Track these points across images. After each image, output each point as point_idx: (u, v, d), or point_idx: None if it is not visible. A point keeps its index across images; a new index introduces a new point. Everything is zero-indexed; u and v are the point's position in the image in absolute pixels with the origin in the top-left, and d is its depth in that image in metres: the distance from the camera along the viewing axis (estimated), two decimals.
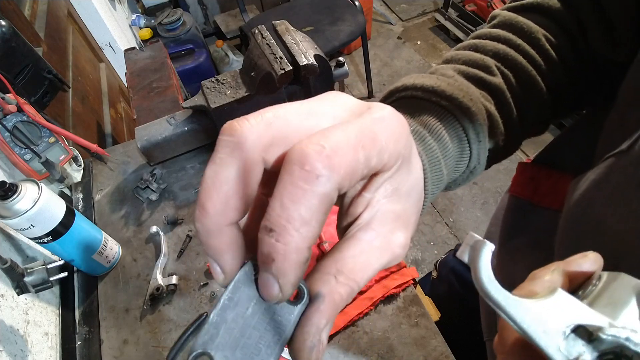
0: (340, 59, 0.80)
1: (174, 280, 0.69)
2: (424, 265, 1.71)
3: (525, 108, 0.37)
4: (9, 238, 0.67)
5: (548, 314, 0.17)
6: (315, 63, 0.72)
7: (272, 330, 0.19)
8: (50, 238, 0.62)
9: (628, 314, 0.16)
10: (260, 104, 0.77)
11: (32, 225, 0.59)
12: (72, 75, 1.20)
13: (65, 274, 0.65)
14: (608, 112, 0.33)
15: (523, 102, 0.37)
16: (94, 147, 0.82)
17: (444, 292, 0.72)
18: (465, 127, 0.32)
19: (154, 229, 0.75)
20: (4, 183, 0.56)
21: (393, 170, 0.21)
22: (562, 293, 0.18)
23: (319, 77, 0.75)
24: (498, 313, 0.17)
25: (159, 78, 0.96)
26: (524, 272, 0.20)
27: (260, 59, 0.74)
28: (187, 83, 1.96)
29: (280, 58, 0.72)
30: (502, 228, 0.52)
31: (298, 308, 0.19)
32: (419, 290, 0.67)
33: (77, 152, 0.84)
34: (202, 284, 0.70)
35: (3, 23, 0.75)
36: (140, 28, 2.11)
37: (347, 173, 0.18)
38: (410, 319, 0.63)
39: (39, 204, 0.58)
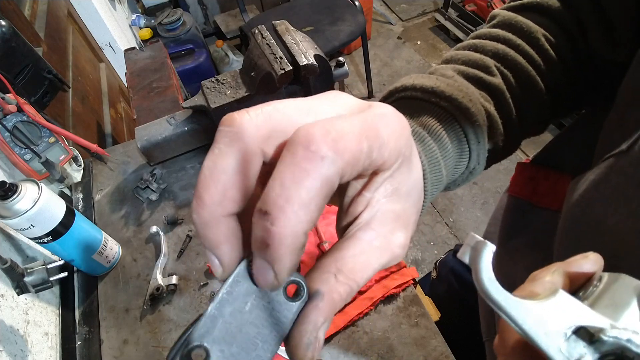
0: (340, 59, 0.80)
1: (174, 280, 0.69)
2: (424, 265, 1.71)
3: (525, 108, 0.37)
4: (9, 238, 0.67)
5: (549, 315, 0.17)
6: (315, 63, 0.72)
7: (269, 327, 0.19)
8: (50, 238, 0.62)
9: (629, 315, 0.16)
10: (260, 104, 0.77)
11: (32, 225, 0.59)
12: (72, 75, 1.20)
13: (65, 274, 0.65)
14: (608, 112, 0.33)
15: (522, 102, 0.37)
16: (94, 147, 0.82)
17: (444, 292, 0.72)
18: (465, 128, 0.32)
19: (154, 229, 0.75)
20: (4, 183, 0.56)
21: (393, 169, 0.21)
22: (563, 294, 0.18)
23: (319, 77, 0.75)
24: (499, 314, 0.17)
25: (159, 78, 0.96)
26: (523, 272, 0.20)
27: (260, 59, 0.74)
28: (187, 83, 1.96)
29: (280, 58, 0.72)
30: (501, 228, 0.52)
31: (297, 305, 0.19)
32: (419, 290, 0.67)
33: (77, 152, 0.84)
34: (202, 284, 0.70)
35: (3, 23, 0.75)
36: (140, 28, 2.11)
37: (350, 159, 0.17)
38: (410, 319, 0.63)
39: (39, 204, 0.58)
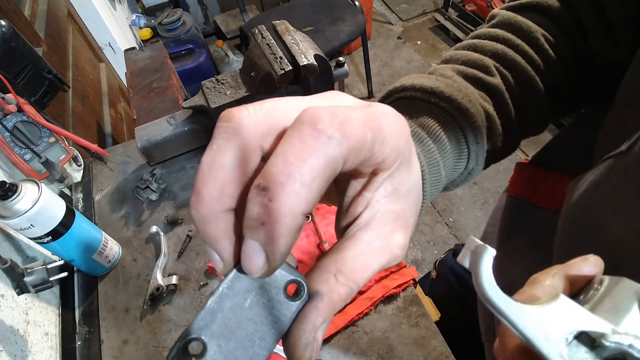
0: (340, 59, 0.80)
1: (174, 280, 0.69)
2: (424, 265, 1.71)
3: (524, 108, 0.37)
4: (9, 238, 0.67)
5: (550, 320, 0.17)
6: (315, 63, 0.72)
7: (268, 324, 0.19)
8: (50, 238, 0.62)
9: (630, 320, 0.16)
10: (260, 101, 0.77)
11: (32, 225, 0.59)
12: (72, 75, 1.20)
13: (65, 274, 0.65)
14: (607, 111, 0.33)
15: (522, 102, 0.37)
16: (94, 147, 0.82)
17: (444, 291, 0.72)
18: (464, 128, 0.32)
19: (154, 229, 0.75)
20: (4, 183, 0.56)
21: (393, 169, 0.21)
22: (564, 299, 0.17)
23: (319, 77, 0.75)
24: (499, 319, 0.17)
25: (159, 78, 0.96)
26: (523, 272, 0.20)
27: (260, 59, 0.74)
28: (187, 83, 1.96)
29: (280, 58, 0.72)
30: (500, 228, 0.52)
31: (296, 304, 0.19)
32: (419, 290, 0.67)
33: (77, 152, 0.84)
34: (202, 284, 0.70)
35: (3, 23, 0.75)
36: (140, 28, 2.11)
37: (356, 144, 0.17)
38: (410, 319, 0.63)
39: (39, 204, 0.58)
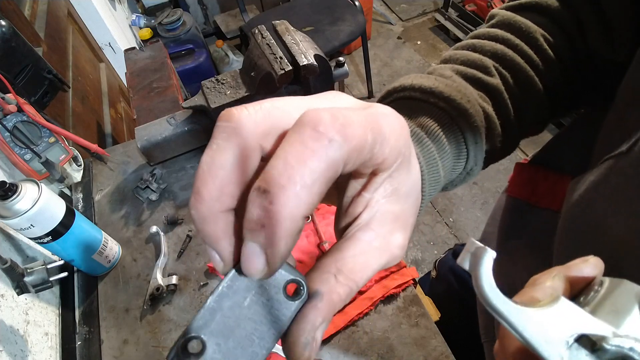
0: (340, 59, 0.80)
1: (174, 280, 0.69)
2: (424, 265, 1.71)
3: (523, 108, 0.37)
4: (9, 238, 0.67)
5: (551, 323, 0.17)
6: (315, 63, 0.72)
7: (267, 324, 0.19)
8: (50, 238, 0.62)
9: (631, 322, 0.16)
10: (259, 101, 0.77)
11: (32, 225, 0.59)
12: (72, 75, 1.20)
13: (65, 274, 0.65)
14: (607, 111, 0.33)
15: (521, 102, 0.37)
16: (94, 147, 0.82)
17: (443, 291, 0.72)
18: (463, 129, 0.32)
19: (154, 229, 0.75)
20: (4, 183, 0.56)
21: (392, 169, 0.21)
22: (564, 301, 0.17)
23: (319, 77, 0.75)
24: (499, 321, 0.17)
25: (159, 78, 0.96)
26: (523, 273, 0.20)
27: (260, 59, 0.74)
28: (187, 83, 1.96)
29: (280, 58, 0.72)
30: (499, 229, 0.52)
31: (296, 304, 0.19)
32: (419, 290, 0.67)
33: (77, 152, 0.84)
34: (202, 284, 0.70)
35: (3, 23, 0.75)
36: (140, 28, 2.11)
37: (357, 146, 0.17)
38: (410, 319, 0.63)
39: (39, 204, 0.58)
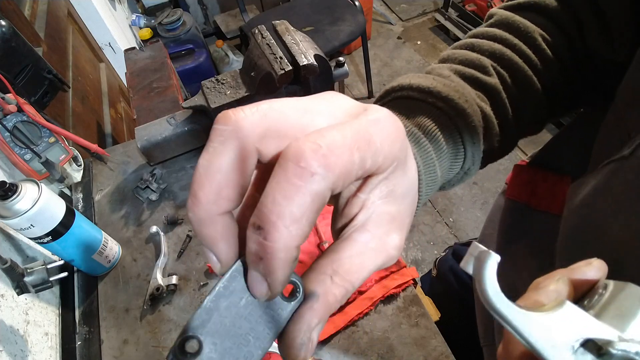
0: (340, 59, 0.80)
1: (174, 280, 0.69)
2: (424, 265, 1.71)
3: (522, 108, 0.37)
4: (9, 238, 0.67)
5: (556, 328, 0.17)
6: (315, 63, 0.72)
7: (263, 324, 0.19)
8: (50, 238, 0.62)
9: (636, 326, 0.16)
10: (256, 102, 0.77)
11: (32, 225, 0.59)
12: (72, 75, 1.20)
13: (65, 274, 0.65)
14: (607, 111, 0.33)
15: (519, 102, 0.37)
16: (94, 147, 0.82)
17: (443, 291, 0.72)
18: (460, 129, 0.32)
19: (154, 229, 0.75)
20: (4, 183, 0.56)
21: (388, 172, 0.21)
22: (570, 305, 0.17)
23: (319, 77, 0.75)
24: (504, 326, 0.17)
25: (159, 78, 0.96)
26: (525, 277, 0.20)
27: (260, 59, 0.74)
28: (187, 83, 1.97)
29: (280, 58, 0.72)
30: (499, 231, 0.51)
31: (292, 305, 0.19)
32: (419, 290, 0.67)
33: (77, 152, 0.84)
34: (202, 284, 0.70)
35: (3, 23, 0.75)
36: (140, 28, 2.11)
37: (342, 173, 0.18)
38: (410, 319, 0.63)
39: (39, 204, 0.58)
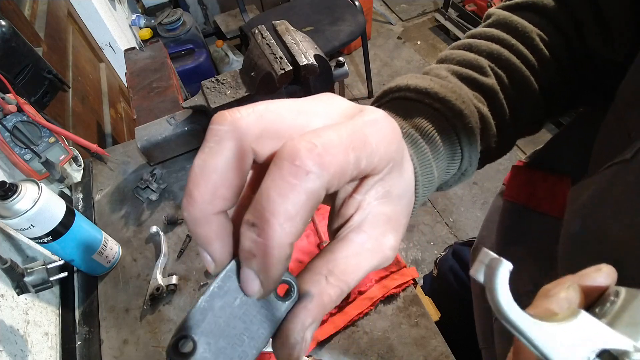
0: (340, 59, 0.80)
1: (174, 280, 0.69)
2: (424, 265, 1.71)
3: (519, 108, 0.37)
4: (9, 238, 0.67)
5: (571, 339, 0.16)
6: (315, 63, 0.72)
7: (257, 324, 0.19)
8: (50, 238, 0.62)
9: None
10: (253, 103, 0.77)
11: (32, 225, 0.59)
12: (72, 75, 1.20)
13: (65, 274, 0.65)
14: (607, 111, 0.33)
15: (517, 102, 0.37)
16: (94, 147, 0.82)
17: (444, 291, 0.72)
18: (457, 130, 0.32)
19: (154, 229, 0.75)
20: (4, 183, 0.56)
21: (384, 173, 0.21)
22: (584, 315, 0.17)
23: (319, 77, 0.75)
24: (517, 337, 0.17)
25: (159, 78, 0.96)
26: (525, 279, 0.20)
27: (260, 59, 0.74)
28: (187, 83, 1.96)
29: (280, 58, 0.72)
30: (498, 234, 0.51)
31: (286, 304, 0.19)
32: (419, 290, 0.67)
33: (77, 152, 0.84)
34: (202, 284, 0.70)
35: (3, 23, 0.75)
36: (140, 28, 2.11)
37: (336, 172, 0.18)
38: (410, 319, 0.63)
39: (39, 204, 0.58)
